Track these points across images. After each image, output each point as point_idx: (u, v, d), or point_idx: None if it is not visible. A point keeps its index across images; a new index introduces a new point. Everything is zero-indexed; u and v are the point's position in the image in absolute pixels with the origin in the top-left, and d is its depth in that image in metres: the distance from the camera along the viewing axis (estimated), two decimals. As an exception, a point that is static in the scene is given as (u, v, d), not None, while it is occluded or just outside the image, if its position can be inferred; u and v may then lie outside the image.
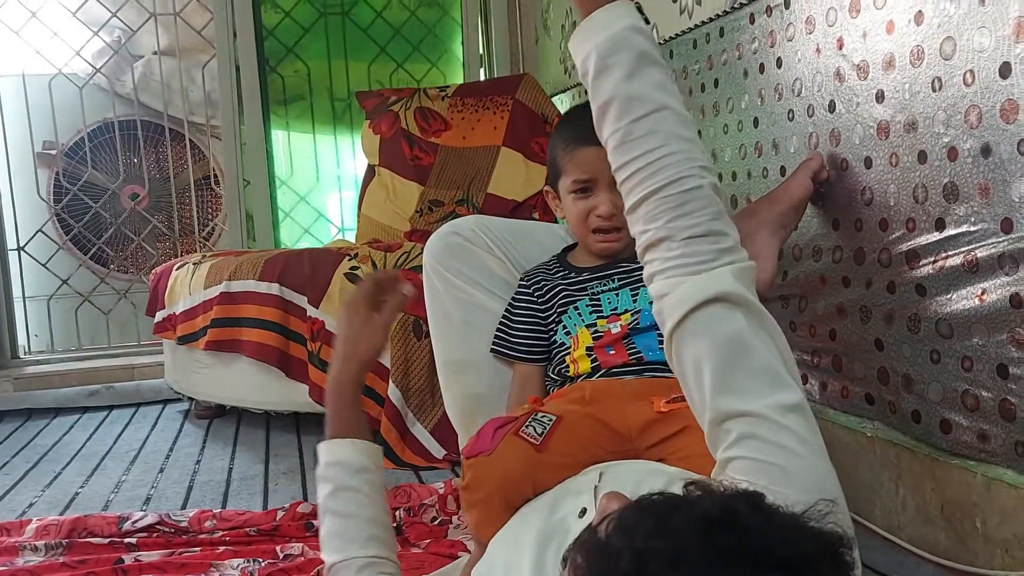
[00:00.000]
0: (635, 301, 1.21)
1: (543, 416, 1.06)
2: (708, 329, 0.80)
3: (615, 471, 0.95)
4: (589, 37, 0.87)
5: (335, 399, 1.07)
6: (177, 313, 2.52)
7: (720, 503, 0.54)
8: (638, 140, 0.84)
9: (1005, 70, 1.08)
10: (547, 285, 1.28)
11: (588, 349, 1.19)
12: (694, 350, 0.81)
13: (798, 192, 1.41)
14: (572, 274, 1.28)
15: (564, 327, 1.24)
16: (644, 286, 1.21)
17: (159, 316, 2.62)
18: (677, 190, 0.83)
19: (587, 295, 1.24)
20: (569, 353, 1.22)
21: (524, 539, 0.89)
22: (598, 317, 1.22)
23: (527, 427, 1.04)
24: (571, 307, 1.24)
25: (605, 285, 1.24)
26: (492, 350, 1.30)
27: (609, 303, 1.22)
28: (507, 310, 1.30)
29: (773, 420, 0.76)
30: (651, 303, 1.19)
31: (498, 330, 1.29)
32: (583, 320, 1.22)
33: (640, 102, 0.85)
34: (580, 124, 1.26)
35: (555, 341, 1.25)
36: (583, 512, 0.88)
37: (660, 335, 1.18)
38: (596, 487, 0.91)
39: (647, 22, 0.89)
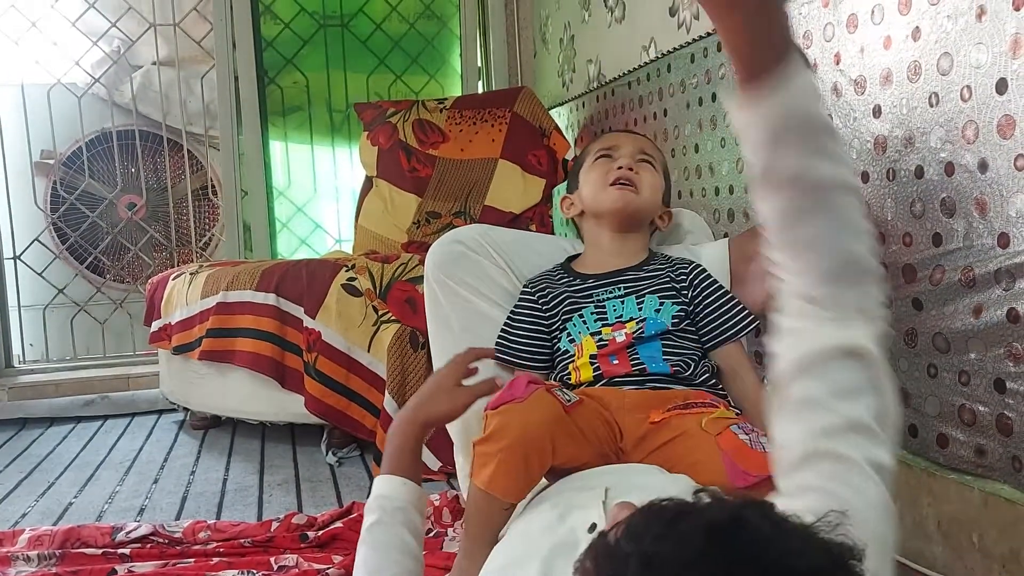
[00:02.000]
0: (640, 309, 1.20)
1: (568, 392, 1.07)
2: (829, 376, 0.76)
3: (621, 487, 0.94)
4: (766, 104, 0.76)
5: (399, 438, 1.10)
6: (173, 323, 2.51)
7: (730, 511, 0.54)
8: (811, 213, 0.78)
9: (1002, 86, 1.09)
10: (551, 292, 1.27)
11: (592, 357, 1.19)
12: (807, 388, 0.77)
13: None
14: (577, 280, 1.27)
15: (568, 334, 1.23)
16: (649, 294, 1.22)
17: (155, 326, 2.62)
18: (844, 267, 0.78)
19: (592, 302, 1.23)
20: (572, 361, 1.21)
21: (531, 551, 0.88)
22: (603, 325, 1.21)
23: (558, 391, 1.05)
24: (576, 315, 1.23)
25: (611, 292, 1.23)
26: (495, 356, 1.29)
27: (614, 311, 1.22)
28: (510, 316, 1.30)
29: (864, 470, 0.73)
30: (657, 309, 1.20)
31: (500, 336, 1.29)
32: (588, 328, 1.21)
33: (821, 182, 0.77)
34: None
35: (558, 348, 1.25)
36: (592, 527, 0.87)
37: (664, 345, 1.18)
38: (603, 503, 0.90)
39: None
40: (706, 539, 0.51)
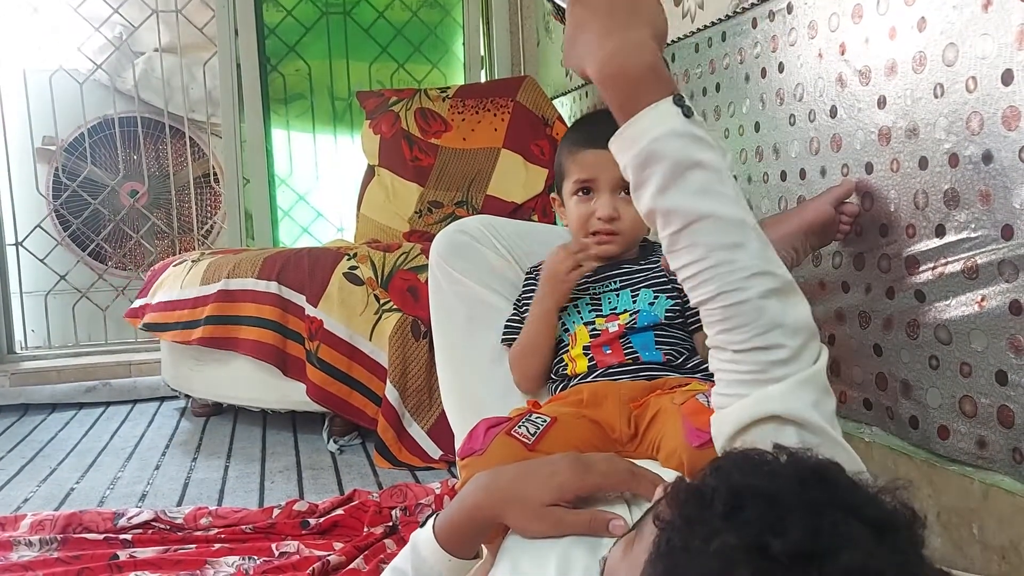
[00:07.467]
0: (634, 302, 1.21)
1: (537, 417, 1.06)
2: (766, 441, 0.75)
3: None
4: (623, 149, 0.82)
5: (470, 520, 0.89)
6: (153, 303, 2.52)
7: (812, 462, 0.58)
8: (679, 252, 0.81)
9: (1007, 77, 1.09)
10: None
11: (585, 348, 1.19)
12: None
13: (810, 215, 1.36)
14: None
15: (563, 324, 1.24)
16: (644, 287, 1.22)
17: (137, 303, 2.64)
18: (719, 305, 0.79)
19: (588, 293, 1.24)
20: (567, 351, 1.22)
21: (548, 542, 0.84)
22: (597, 316, 1.22)
23: (520, 427, 1.03)
24: (571, 305, 1.24)
25: (606, 286, 1.24)
26: (503, 341, 1.30)
27: (609, 303, 1.22)
28: (516, 303, 1.31)
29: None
30: (651, 303, 1.20)
31: (507, 322, 1.30)
32: (582, 318, 1.22)
33: (676, 215, 0.79)
34: (586, 128, 1.25)
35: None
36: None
37: (656, 334, 1.18)
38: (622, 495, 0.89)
39: (688, 112, 0.80)
40: (796, 478, 0.54)
